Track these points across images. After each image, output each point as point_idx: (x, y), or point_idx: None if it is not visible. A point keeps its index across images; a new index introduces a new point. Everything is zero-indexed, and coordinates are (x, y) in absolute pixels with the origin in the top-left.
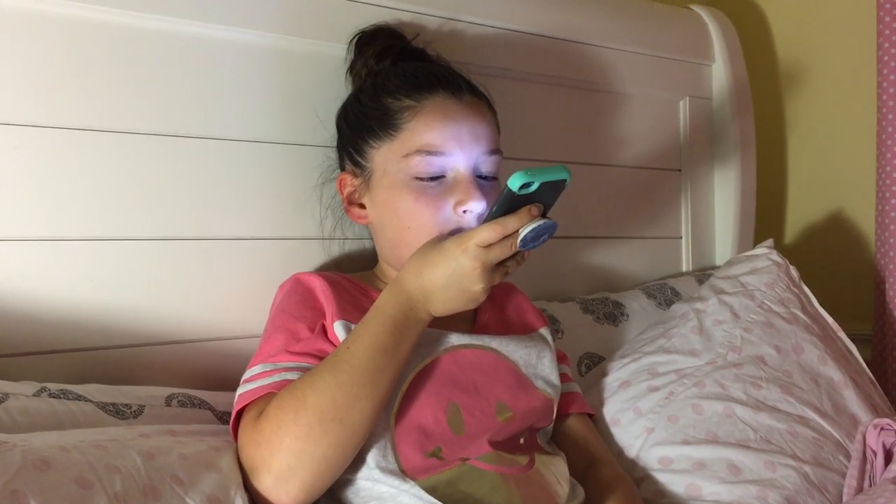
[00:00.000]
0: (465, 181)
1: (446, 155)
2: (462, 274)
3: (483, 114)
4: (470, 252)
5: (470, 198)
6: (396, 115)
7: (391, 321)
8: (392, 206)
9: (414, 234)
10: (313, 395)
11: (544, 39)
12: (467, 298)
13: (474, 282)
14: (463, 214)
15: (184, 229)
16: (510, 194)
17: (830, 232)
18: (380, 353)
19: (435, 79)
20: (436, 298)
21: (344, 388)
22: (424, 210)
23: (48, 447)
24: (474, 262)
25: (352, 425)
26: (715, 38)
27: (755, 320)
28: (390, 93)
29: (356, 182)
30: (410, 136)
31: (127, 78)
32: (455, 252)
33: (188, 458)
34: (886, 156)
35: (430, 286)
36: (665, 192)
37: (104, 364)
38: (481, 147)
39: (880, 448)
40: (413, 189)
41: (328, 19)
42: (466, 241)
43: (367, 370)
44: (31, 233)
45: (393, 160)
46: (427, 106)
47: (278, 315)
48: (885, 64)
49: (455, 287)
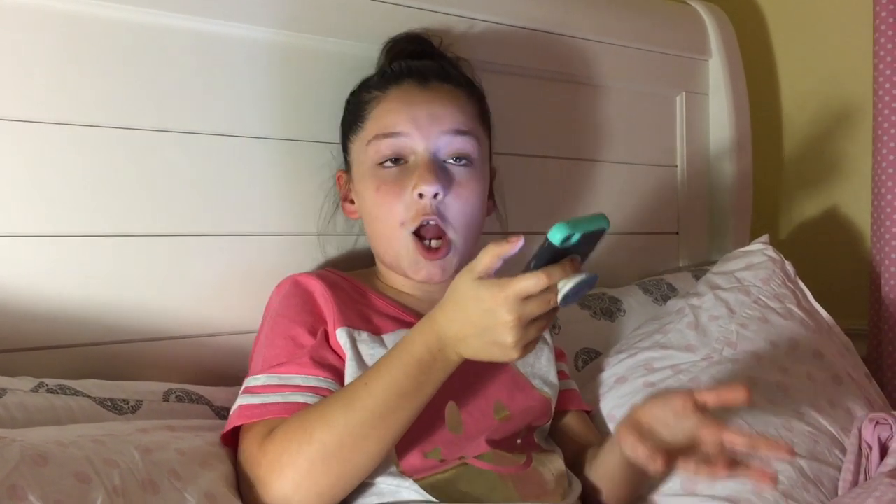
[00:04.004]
0: (421, 164)
1: (402, 135)
2: (496, 325)
3: (450, 97)
4: (507, 303)
5: (423, 181)
6: (364, 107)
7: (415, 363)
8: (362, 196)
9: (381, 224)
10: (320, 430)
11: (539, 34)
12: (499, 352)
13: (508, 335)
14: (419, 199)
15: (183, 225)
16: (550, 248)
17: (826, 227)
18: (397, 395)
19: (406, 70)
20: (467, 345)
21: (353, 429)
22: (385, 199)
23: (46, 442)
24: (510, 314)
25: (355, 465)
26: (711, 34)
27: (751, 316)
28: (366, 88)
29: (347, 178)
30: (372, 123)
31: (128, 74)
32: (490, 301)
33: (185, 453)
34: (882, 151)
35: (462, 332)
36: (661, 188)
37: (102, 359)
38: (441, 126)
39: (875, 442)
40: (375, 178)
41: (330, 15)
42: (505, 290)
43: (382, 412)
44: (30, 229)
45: (360, 150)
46: (390, 94)
47: (277, 320)
48: (882, 59)
49: (487, 339)
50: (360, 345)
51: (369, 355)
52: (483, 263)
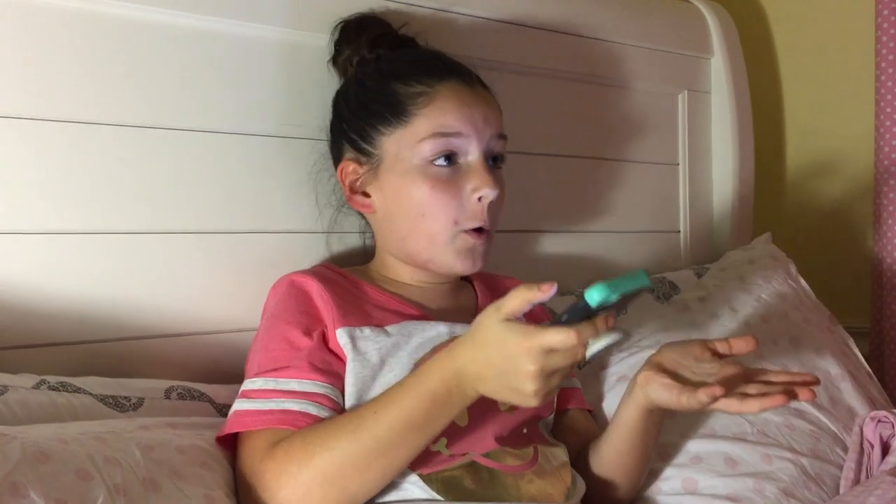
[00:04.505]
0: (479, 167)
1: (462, 136)
2: (517, 373)
3: (490, 100)
4: (531, 354)
5: (485, 184)
6: (409, 101)
7: (429, 396)
8: (405, 193)
9: (429, 221)
10: (321, 454)
11: (541, 31)
12: (518, 398)
13: (528, 384)
14: (478, 202)
15: (183, 223)
16: (586, 308)
17: (828, 226)
18: (407, 427)
19: (444, 66)
20: (485, 385)
21: (356, 458)
22: (441, 197)
23: (48, 439)
24: (532, 365)
25: (354, 493)
26: (714, 32)
27: (753, 314)
28: (400, 78)
29: (361, 170)
30: (425, 121)
31: (128, 71)
32: (514, 348)
33: (185, 452)
34: (884, 149)
35: (483, 372)
36: (663, 186)
37: (103, 357)
38: (492, 129)
39: (877, 440)
40: (428, 176)
41: (335, 14)
42: (531, 339)
43: (388, 443)
44: (30, 226)
45: (406, 146)
46: (441, 91)
47: (273, 321)
48: (884, 57)
49: (507, 383)
50: (361, 342)
51: (374, 350)
52: (511, 306)
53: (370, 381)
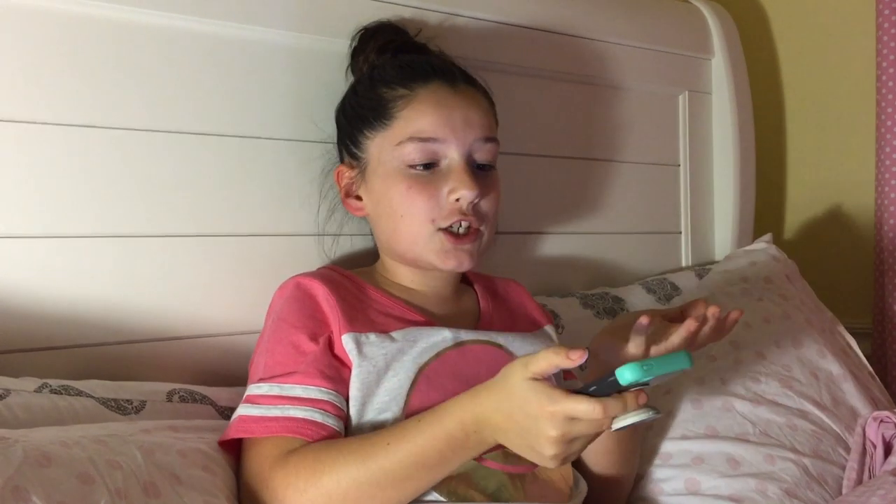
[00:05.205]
0: (458, 169)
1: (439, 141)
2: (538, 434)
3: (478, 102)
4: (554, 419)
5: (463, 185)
6: (390, 105)
7: (445, 437)
8: (386, 195)
9: (407, 222)
10: (329, 477)
11: (542, 33)
12: (536, 458)
13: (547, 448)
14: (455, 202)
15: (185, 226)
16: (616, 384)
17: (829, 226)
18: (416, 465)
19: (430, 68)
20: (505, 437)
21: (362, 486)
22: (417, 197)
23: (50, 443)
24: (554, 430)
25: None
26: (714, 32)
27: (754, 315)
28: (385, 83)
29: (352, 174)
30: (404, 124)
31: (128, 75)
32: (538, 410)
33: (187, 455)
34: (885, 149)
35: (504, 424)
36: (664, 187)
37: (105, 360)
38: (475, 133)
39: (880, 440)
40: (406, 177)
41: (333, 15)
42: (556, 404)
43: (396, 478)
44: (32, 229)
45: (387, 149)
46: (420, 94)
47: (279, 325)
48: (885, 57)
49: (527, 441)
50: (367, 347)
51: (380, 355)
52: (539, 367)
53: (374, 387)
